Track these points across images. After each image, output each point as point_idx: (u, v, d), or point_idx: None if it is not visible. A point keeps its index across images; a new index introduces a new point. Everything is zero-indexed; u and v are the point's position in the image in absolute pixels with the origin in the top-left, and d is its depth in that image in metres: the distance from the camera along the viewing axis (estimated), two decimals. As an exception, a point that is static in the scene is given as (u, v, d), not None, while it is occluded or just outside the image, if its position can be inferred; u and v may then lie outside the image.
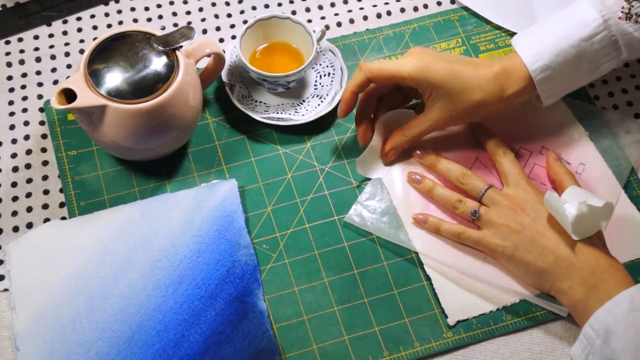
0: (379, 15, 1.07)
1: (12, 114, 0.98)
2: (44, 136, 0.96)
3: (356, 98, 0.92)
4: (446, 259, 0.88)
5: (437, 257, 0.88)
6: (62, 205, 0.92)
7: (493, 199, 0.88)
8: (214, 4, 1.08)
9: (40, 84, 1.00)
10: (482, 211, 0.87)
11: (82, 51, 1.03)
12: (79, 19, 1.05)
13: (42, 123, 0.97)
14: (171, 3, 1.08)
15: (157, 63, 0.86)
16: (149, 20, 1.06)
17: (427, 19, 1.07)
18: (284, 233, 0.91)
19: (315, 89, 0.99)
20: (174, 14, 1.07)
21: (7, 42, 1.03)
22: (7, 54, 1.02)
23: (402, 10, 1.08)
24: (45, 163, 0.94)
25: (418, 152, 0.93)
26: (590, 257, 0.82)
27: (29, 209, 0.91)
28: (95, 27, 1.05)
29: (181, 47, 0.88)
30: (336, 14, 1.07)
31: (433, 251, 0.89)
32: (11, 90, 0.99)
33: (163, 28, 1.05)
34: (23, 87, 1.00)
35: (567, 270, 0.82)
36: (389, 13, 1.08)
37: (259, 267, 0.88)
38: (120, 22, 1.06)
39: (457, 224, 0.89)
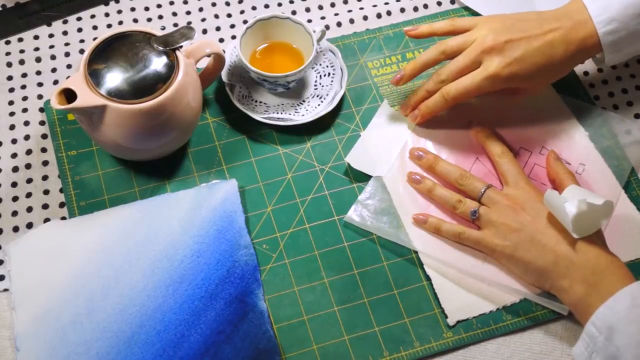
0: (379, 15, 1.07)
1: (12, 114, 0.98)
2: (44, 136, 0.96)
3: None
4: (446, 258, 0.88)
5: (437, 256, 0.88)
6: (62, 205, 0.92)
7: (492, 199, 0.88)
8: (214, 4, 1.08)
9: (40, 84, 1.00)
10: (481, 211, 0.87)
11: (82, 51, 1.03)
12: (79, 19, 1.05)
13: (42, 123, 0.97)
14: (171, 3, 1.08)
15: (157, 63, 0.86)
16: (149, 20, 1.06)
17: (427, 19, 1.07)
18: (284, 233, 0.91)
19: (315, 89, 0.99)
20: (174, 14, 1.07)
21: (7, 42, 1.03)
22: (7, 54, 1.02)
23: (402, 10, 1.08)
24: (45, 163, 0.94)
25: (416, 153, 0.93)
26: (590, 254, 0.82)
27: (29, 209, 0.91)
28: (95, 27, 1.05)
29: (181, 47, 0.88)
30: (336, 14, 1.07)
31: (433, 251, 0.89)
32: (11, 90, 0.99)
33: (163, 28, 1.05)
34: (23, 87, 1.00)
35: (567, 268, 0.82)
36: (389, 13, 1.08)
37: (259, 267, 0.88)
38: (120, 22, 1.06)
39: (457, 224, 0.89)
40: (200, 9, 1.07)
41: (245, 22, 1.06)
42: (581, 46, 0.89)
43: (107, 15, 1.06)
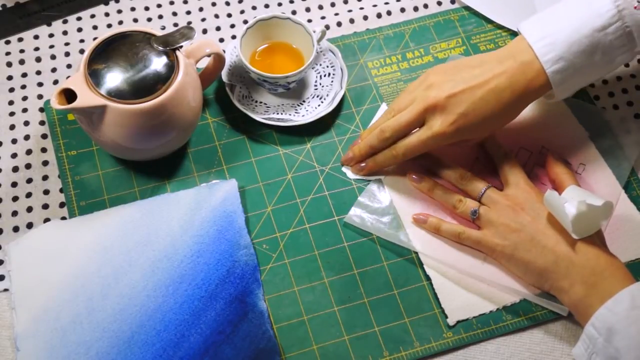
0: (379, 15, 1.07)
1: (12, 114, 0.98)
2: (44, 136, 0.96)
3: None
4: (446, 259, 0.88)
5: (437, 257, 0.88)
6: (62, 205, 0.92)
7: (493, 199, 0.88)
8: (214, 4, 1.08)
9: (40, 84, 1.00)
10: (481, 211, 0.87)
11: (82, 51, 1.03)
12: (79, 19, 1.05)
13: (42, 123, 0.97)
14: (171, 3, 1.08)
15: (157, 63, 0.86)
16: (149, 20, 1.06)
17: (427, 19, 1.07)
18: (284, 233, 0.91)
19: (316, 89, 0.99)
20: (174, 14, 1.07)
21: (7, 42, 1.03)
22: (7, 54, 1.02)
23: (402, 10, 1.08)
24: (45, 163, 0.94)
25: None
26: (590, 255, 0.82)
27: (29, 209, 0.91)
28: (95, 27, 1.05)
29: (181, 47, 0.88)
30: (336, 14, 1.07)
31: (433, 251, 0.89)
32: (11, 90, 0.99)
33: (163, 28, 1.05)
34: (23, 87, 1.00)
35: (567, 269, 0.82)
36: (389, 13, 1.08)
37: (259, 267, 0.88)
38: (120, 22, 1.06)
39: (457, 224, 0.89)
40: (200, 9, 1.07)
41: (245, 22, 1.06)
42: (529, 87, 0.86)
43: (107, 15, 1.06)
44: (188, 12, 1.07)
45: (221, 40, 1.05)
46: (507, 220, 0.86)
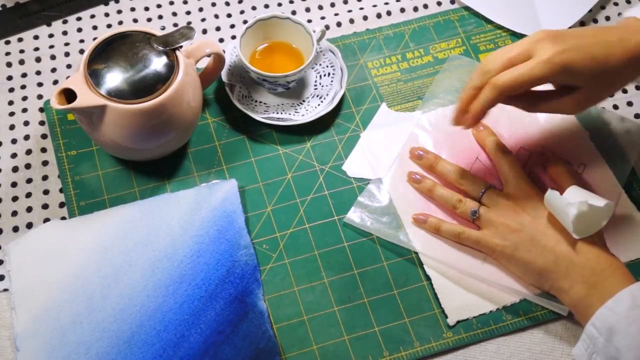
0: (379, 15, 1.07)
1: (12, 114, 0.98)
2: (43, 136, 0.96)
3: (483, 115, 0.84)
4: (446, 258, 0.88)
5: (437, 257, 0.88)
6: (62, 205, 0.92)
7: (493, 199, 0.88)
8: (214, 4, 1.08)
9: (40, 84, 1.00)
10: (481, 211, 0.87)
11: (82, 51, 1.03)
12: (79, 19, 1.05)
13: (42, 123, 0.97)
14: (171, 3, 1.08)
15: (157, 63, 0.86)
16: (149, 20, 1.06)
17: (427, 19, 1.07)
18: (284, 233, 0.90)
19: (315, 89, 0.99)
20: (174, 14, 1.07)
21: (7, 42, 1.03)
22: (7, 54, 1.02)
23: (402, 10, 1.08)
24: (45, 163, 0.94)
25: (417, 152, 0.93)
26: (590, 255, 0.82)
27: (29, 209, 0.91)
28: (95, 27, 1.05)
29: (181, 47, 0.88)
30: (336, 14, 1.07)
31: (433, 251, 0.89)
32: (11, 90, 0.99)
33: (163, 28, 1.05)
34: (23, 87, 1.00)
35: (567, 269, 0.82)
36: (389, 13, 1.08)
37: (259, 267, 0.88)
38: (120, 22, 1.06)
39: (457, 224, 0.89)
40: (200, 9, 1.07)
41: (245, 22, 1.06)
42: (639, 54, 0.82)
43: (107, 15, 1.06)
44: (188, 12, 1.07)
45: (221, 40, 1.05)
46: (507, 220, 0.86)
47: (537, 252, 0.84)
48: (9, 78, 1.00)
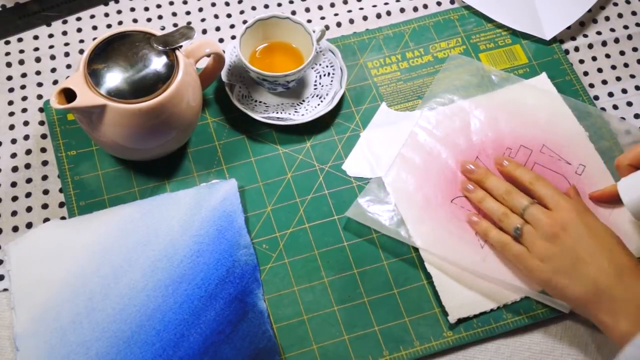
0: (378, 15, 1.07)
1: (11, 114, 0.98)
2: (43, 136, 0.96)
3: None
4: (447, 255, 0.88)
5: (438, 253, 0.88)
6: (61, 205, 0.92)
7: (535, 217, 0.85)
8: (213, 4, 1.08)
9: (40, 84, 1.00)
10: (525, 229, 0.85)
11: (81, 51, 1.03)
12: (78, 19, 1.05)
13: (41, 123, 0.97)
14: (171, 3, 1.08)
15: (157, 63, 0.86)
16: (149, 20, 1.06)
17: (426, 19, 1.07)
18: (283, 233, 0.90)
19: (315, 88, 0.99)
20: (174, 14, 1.07)
21: (7, 42, 1.03)
22: (7, 54, 1.02)
23: (402, 10, 1.08)
24: (45, 163, 0.94)
25: (469, 167, 0.93)
26: (635, 289, 0.79)
27: (29, 209, 0.91)
28: (95, 27, 1.05)
29: (181, 47, 0.88)
30: (336, 14, 1.07)
31: (433, 247, 0.88)
32: (11, 90, 0.99)
33: (163, 28, 1.05)
34: (23, 87, 1.00)
35: (610, 303, 0.79)
36: (388, 13, 1.08)
37: (258, 267, 0.88)
38: (120, 22, 1.06)
39: (505, 234, 0.87)
40: (200, 9, 1.07)
41: (245, 22, 1.06)
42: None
43: (106, 15, 1.06)
44: (188, 13, 1.07)
45: (221, 40, 1.05)
46: (547, 242, 0.84)
47: (576, 278, 0.81)
48: (9, 78, 1.00)
